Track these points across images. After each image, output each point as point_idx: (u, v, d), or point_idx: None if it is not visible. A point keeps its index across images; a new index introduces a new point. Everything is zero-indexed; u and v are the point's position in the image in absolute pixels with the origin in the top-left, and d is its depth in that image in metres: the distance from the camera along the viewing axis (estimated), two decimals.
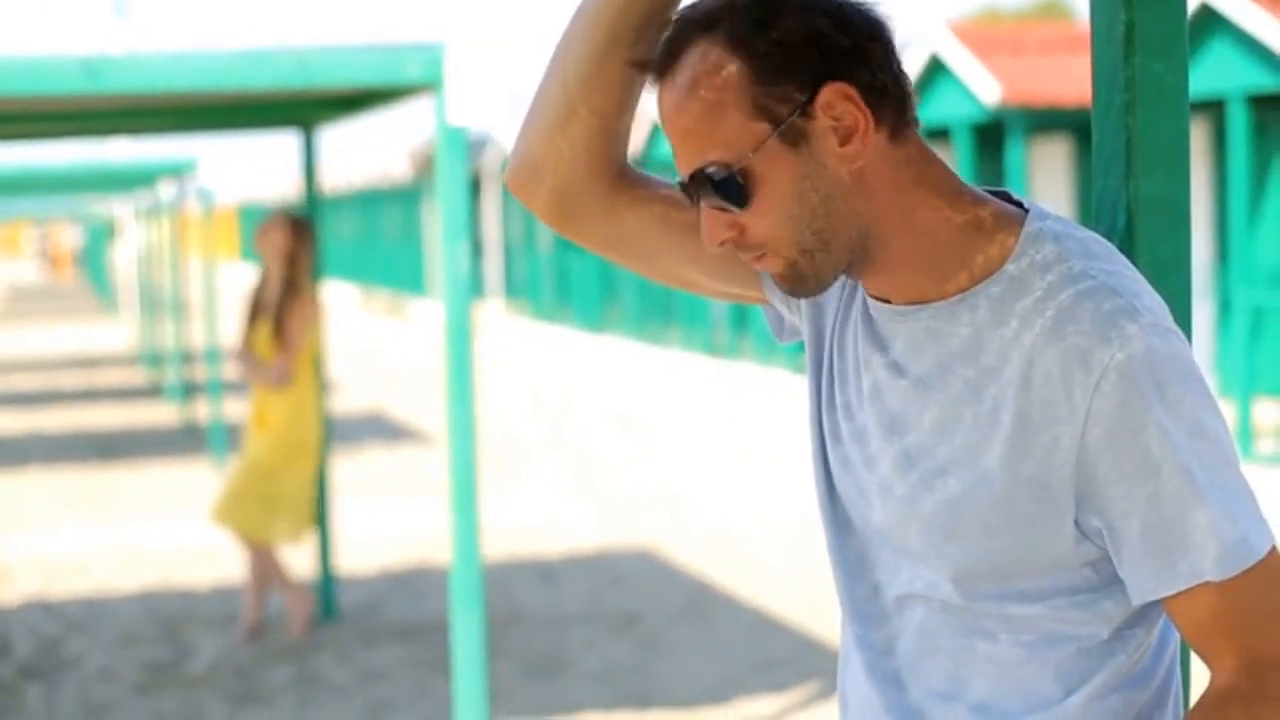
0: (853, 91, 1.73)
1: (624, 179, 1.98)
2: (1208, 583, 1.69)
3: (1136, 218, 1.97)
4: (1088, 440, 1.71)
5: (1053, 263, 1.76)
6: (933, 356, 1.81)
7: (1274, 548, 1.71)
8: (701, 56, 1.74)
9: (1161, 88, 1.97)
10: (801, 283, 1.79)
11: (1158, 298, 1.77)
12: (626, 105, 1.94)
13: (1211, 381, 14.70)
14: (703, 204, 1.77)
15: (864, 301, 1.89)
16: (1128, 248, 1.97)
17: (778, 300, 2.03)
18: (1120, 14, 1.96)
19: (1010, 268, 1.78)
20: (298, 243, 7.89)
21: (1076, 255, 1.77)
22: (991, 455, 1.76)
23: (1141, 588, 1.73)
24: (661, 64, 1.78)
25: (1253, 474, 11.30)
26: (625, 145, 1.98)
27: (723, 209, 1.76)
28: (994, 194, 1.86)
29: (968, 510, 1.77)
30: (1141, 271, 1.84)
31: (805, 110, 1.72)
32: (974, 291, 1.79)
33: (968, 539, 1.78)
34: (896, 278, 1.82)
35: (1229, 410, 12.90)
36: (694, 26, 1.76)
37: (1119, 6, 1.96)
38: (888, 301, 1.85)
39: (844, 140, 1.73)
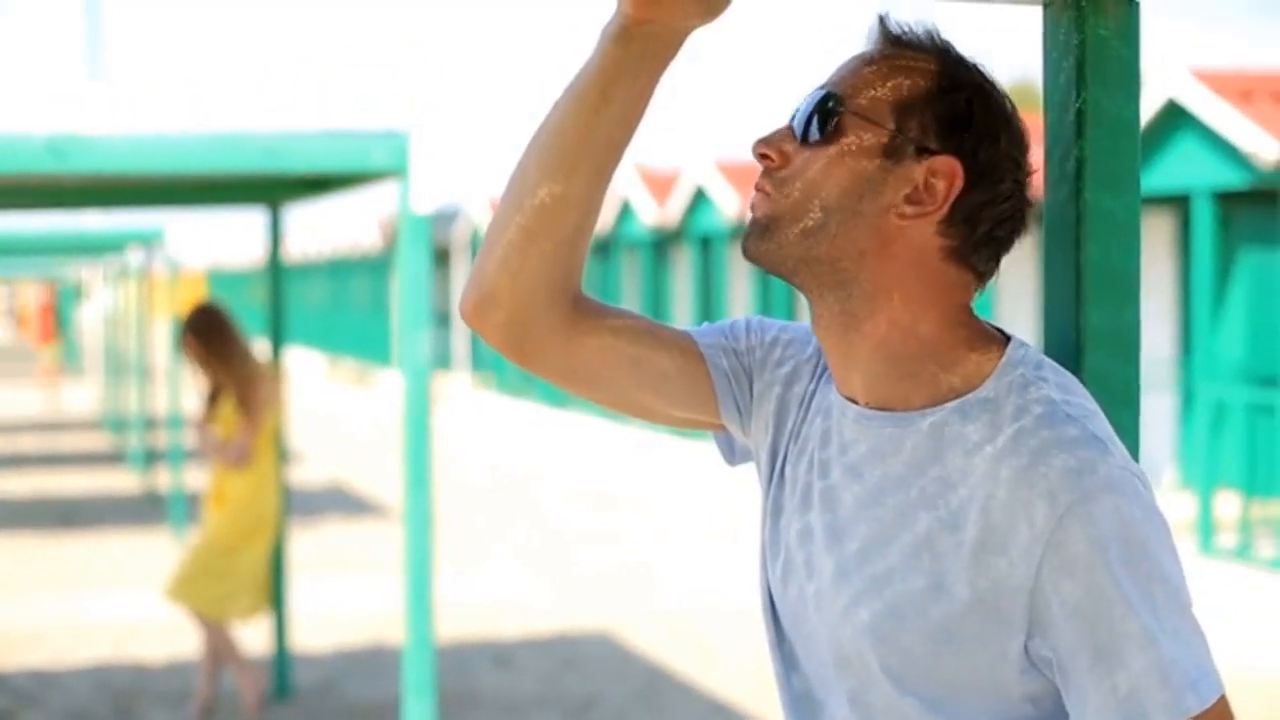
0: (959, 182, 1.78)
1: (579, 309, 1.95)
2: None
3: (1086, 351, 1.98)
4: (1044, 571, 1.71)
5: (1030, 390, 1.78)
6: (894, 463, 1.81)
7: (1222, 697, 1.71)
8: (925, 53, 1.83)
9: (1113, 224, 1.98)
10: (764, 237, 1.81)
11: (1119, 442, 1.78)
12: (583, 233, 1.91)
13: (1173, 475, 14.73)
14: (789, 120, 1.85)
15: (830, 408, 1.90)
16: (1078, 380, 1.97)
17: (732, 423, 2.03)
18: (1072, 150, 1.97)
19: (988, 387, 1.79)
20: (208, 346, 7.86)
21: (1054, 387, 1.78)
22: (945, 569, 1.76)
23: None
24: (896, 32, 1.85)
25: (1214, 569, 11.31)
26: (580, 273, 1.95)
27: (797, 133, 1.82)
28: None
29: (913, 618, 1.77)
30: None
31: (922, 151, 1.78)
32: (948, 405, 1.80)
33: (910, 650, 1.78)
34: (869, 373, 1.83)
35: (1190, 504, 12.92)
36: (930, 38, 1.84)
37: (1071, 142, 1.97)
38: (855, 402, 1.85)
39: (911, 199, 1.78)
